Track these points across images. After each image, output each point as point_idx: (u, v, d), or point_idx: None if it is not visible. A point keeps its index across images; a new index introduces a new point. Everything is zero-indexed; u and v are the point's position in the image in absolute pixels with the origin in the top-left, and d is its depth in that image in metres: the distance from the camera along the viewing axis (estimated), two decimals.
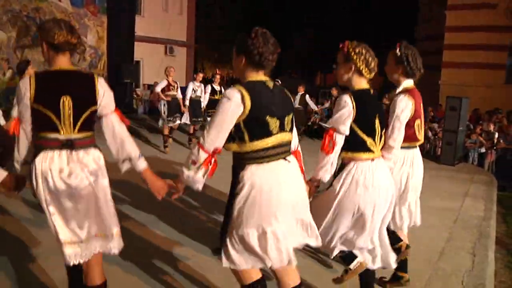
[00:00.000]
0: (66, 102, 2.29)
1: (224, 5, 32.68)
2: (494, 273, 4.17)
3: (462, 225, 5.28)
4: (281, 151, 2.32)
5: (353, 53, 2.60)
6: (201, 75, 10.24)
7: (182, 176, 2.29)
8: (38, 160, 2.27)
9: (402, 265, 3.31)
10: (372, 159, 2.67)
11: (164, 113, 8.81)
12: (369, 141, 2.65)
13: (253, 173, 2.24)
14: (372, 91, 2.74)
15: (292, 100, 2.52)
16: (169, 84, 8.92)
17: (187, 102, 9.43)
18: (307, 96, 12.26)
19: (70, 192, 2.28)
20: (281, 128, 2.31)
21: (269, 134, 2.26)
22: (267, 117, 2.23)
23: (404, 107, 2.97)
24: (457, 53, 19.21)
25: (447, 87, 18.39)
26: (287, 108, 2.36)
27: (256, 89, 2.23)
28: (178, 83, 9.38)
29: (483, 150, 10.68)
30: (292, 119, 2.41)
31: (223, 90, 10.42)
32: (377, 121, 2.68)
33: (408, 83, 3.12)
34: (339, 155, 2.68)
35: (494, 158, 10.59)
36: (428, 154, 11.61)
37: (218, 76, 10.78)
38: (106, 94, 2.43)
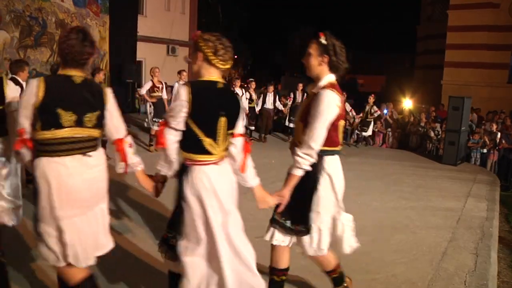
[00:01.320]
0: None
1: (225, 5, 32.69)
2: (497, 273, 4.16)
3: (464, 225, 5.27)
4: (79, 146, 2.32)
5: (200, 41, 2.35)
6: (185, 73, 9.79)
7: None
8: None
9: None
10: (216, 163, 2.38)
11: (150, 113, 8.82)
12: (207, 141, 2.32)
13: (44, 166, 2.26)
14: (222, 85, 2.40)
15: (106, 100, 2.43)
16: (154, 86, 8.87)
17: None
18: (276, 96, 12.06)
19: None
20: (78, 124, 2.31)
21: (59, 126, 2.27)
22: (59, 110, 2.26)
23: (331, 102, 2.53)
24: (460, 53, 19.18)
25: (450, 87, 18.35)
26: (91, 106, 2.36)
27: (56, 82, 2.33)
28: (163, 83, 9.28)
29: (485, 150, 10.65)
30: (99, 116, 2.38)
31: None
32: (222, 120, 2.34)
33: (331, 77, 2.64)
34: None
35: (497, 158, 10.56)
36: (430, 154, 11.59)
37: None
38: (11, 94, 2.70)
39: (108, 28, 13.74)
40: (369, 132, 11.77)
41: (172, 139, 2.34)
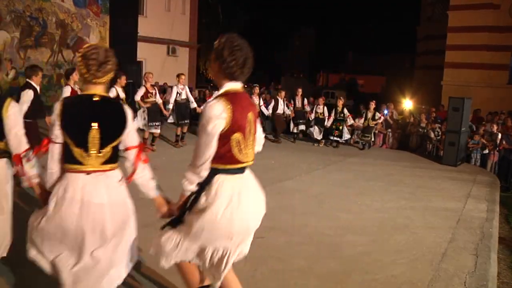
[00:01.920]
0: None
1: (225, 5, 32.73)
2: (497, 274, 4.16)
3: (464, 226, 5.28)
4: None
5: (79, 58, 2.44)
6: (183, 77, 9.89)
7: None
8: None
9: None
10: (88, 172, 2.41)
11: (144, 119, 8.91)
12: (78, 151, 2.39)
13: None
14: (98, 98, 2.45)
15: (4, 112, 2.58)
16: (147, 91, 8.92)
17: (170, 106, 9.44)
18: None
19: None
20: None
21: None
22: None
23: (211, 115, 2.28)
24: (460, 53, 19.19)
25: (450, 88, 18.36)
26: None
27: None
28: (156, 89, 9.43)
29: (486, 151, 10.65)
30: None
31: None
32: (93, 131, 2.40)
33: (231, 85, 2.40)
34: None
35: (497, 159, 10.56)
36: (430, 154, 11.59)
37: None
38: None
39: (108, 28, 13.77)
40: (371, 138, 11.77)
41: (53, 151, 2.44)
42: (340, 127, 11.34)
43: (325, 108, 11.64)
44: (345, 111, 11.50)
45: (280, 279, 3.49)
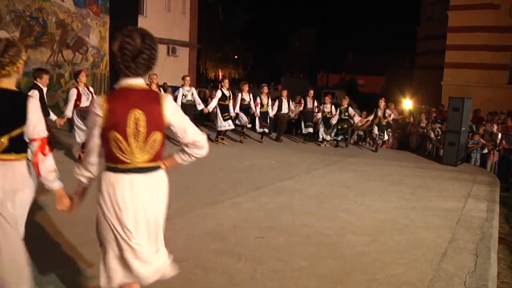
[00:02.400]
0: None
1: (225, 5, 32.76)
2: (497, 273, 4.17)
3: (464, 226, 5.28)
4: None
5: None
6: (188, 78, 9.94)
7: None
8: None
9: None
10: None
11: None
12: None
13: None
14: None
15: None
16: None
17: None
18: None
19: None
20: None
21: None
22: None
23: (91, 110, 2.30)
24: (460, 54, 19.19)
25: (450, 88, 18.36)
26: None
27: None
28: (161, 89, 9.44)
29: (485, 151, 10.66)
30: None
31: (231, 94, 10.35)
32: None
33: (123, 82, 2.33)
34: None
35: (497, 158, 10.57)
36: (430, 154, 11.60)
37: (226, 81, 10.75)
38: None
39: (108, 28, 13.76)
40: (386, 136, 11.77)
41: None
42: (345, 126, 11.43)
43: (333, 106, 11.67)
44: (350, 110, 11.54)
45: (280, 279, 3.49)
